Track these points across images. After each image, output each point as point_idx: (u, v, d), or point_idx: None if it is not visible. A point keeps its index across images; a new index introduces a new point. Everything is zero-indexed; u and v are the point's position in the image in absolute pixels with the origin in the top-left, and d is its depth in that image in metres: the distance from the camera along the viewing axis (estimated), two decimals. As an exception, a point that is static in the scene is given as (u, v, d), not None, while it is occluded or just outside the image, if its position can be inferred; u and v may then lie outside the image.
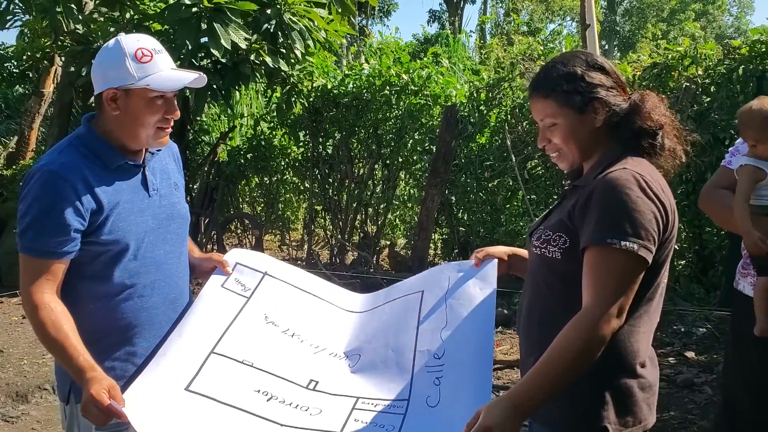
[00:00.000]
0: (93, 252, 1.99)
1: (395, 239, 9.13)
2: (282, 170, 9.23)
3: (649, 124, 1.81)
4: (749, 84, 5.72)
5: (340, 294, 2.38)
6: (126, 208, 2.02)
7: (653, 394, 1.83)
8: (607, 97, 1.81)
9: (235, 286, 2.24)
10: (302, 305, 2.27)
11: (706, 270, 6.17)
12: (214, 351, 2.04)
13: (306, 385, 2.03)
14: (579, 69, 1.82)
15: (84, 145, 2.03)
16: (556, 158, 1.89)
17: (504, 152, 7.18)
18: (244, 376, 2.01)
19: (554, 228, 1.80)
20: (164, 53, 2.05)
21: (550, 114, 1.83)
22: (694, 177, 5.96)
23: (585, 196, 1.72)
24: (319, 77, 8.19)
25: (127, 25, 6.45)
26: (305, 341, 2.16)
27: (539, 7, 31.75)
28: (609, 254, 1.64)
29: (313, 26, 6.49)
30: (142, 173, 2.10)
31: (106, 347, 2.04)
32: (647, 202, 1.67)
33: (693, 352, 5.05)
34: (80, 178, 1.95)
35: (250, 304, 2.20)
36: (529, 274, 1.91)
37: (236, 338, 2.10)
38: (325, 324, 2.24)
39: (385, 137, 8.14)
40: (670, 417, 4.07)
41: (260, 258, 2.38)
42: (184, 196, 2.29)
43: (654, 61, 6.47)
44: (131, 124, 2.02)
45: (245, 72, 6.40)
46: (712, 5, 37.71)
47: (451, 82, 8.05)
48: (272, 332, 2.15)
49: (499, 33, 21.99)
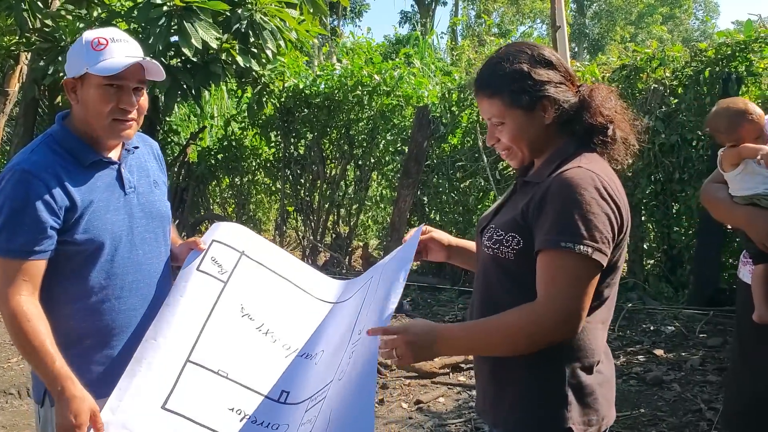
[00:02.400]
0: (68, 252, 1.95)
1: (368, 240, 9.13)
2: (253, 171, 9.18)
3: (599, 120, 1.76)
4: (715, 86, 5.82)
5: (317, 280, 2.32)
6: (101, 207, 1.98)
7: (611, 389, 1.82)
8: (555, 95, 1.74)
9: (211, 267, 2.17)
10: (278, 294, 2.24)
11: (675, 269, 6.26)
12: (189, 359, 2.03)
13: (277, 398, 2.03)
14: (525, 66, 1.74)
15: (57, 143, 1.99)
16: (505, 156, 1.83)
17: (476, 153, 7.22)
18: (219, 390, 2.01)
19: (506, 228, 1.74)
20: (123, 42, 1.99)
21: (497, 114, 1.76)
22: (662, 177, 6.05)
23: (540, 195, 1.67)
24: (291, 77, 8.16)
25: (95, 23, 6.36)
26: (278, 341, 2.14)
27: (510, 9, 31.99)
28: (563, 258, 1.60)
29: (284, 26, 6.46)
30: (118, 171, 2.06)
31: (84, 350, 2.01)
32: (602, 204, 1.62)
33: (662, 350, 5.11)
34: (53, 175, 1.91)
35: (226, 291, 2.15)
36: (481, 270, 1.85)
37: (212, 340, 2.07)
38: (299, 318, 2.21)
39: (357, 138, 8.13)
40: (640, 414, 4.11)
41: (238, 233, 2.29)
42: (165, 195, 2.24)
43: (623, 62, 6.55)
44: (85, 113, 1.99)
45: (216, 71, 6.35)
46: (679, 9, 38.32)
47: (423, 83, 8.07)
48: (247, 330, 2.13)
49: (471, 35, 22.10)
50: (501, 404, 1.79)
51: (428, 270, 7.83)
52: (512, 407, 1.76)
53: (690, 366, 4.75)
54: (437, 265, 7.83)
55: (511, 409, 1.76)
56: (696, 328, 5.46)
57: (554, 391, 1.71)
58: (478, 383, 1.91)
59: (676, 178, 5.99)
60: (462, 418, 4.22)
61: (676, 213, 6.25)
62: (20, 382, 4.85)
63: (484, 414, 1.90)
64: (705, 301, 5.81)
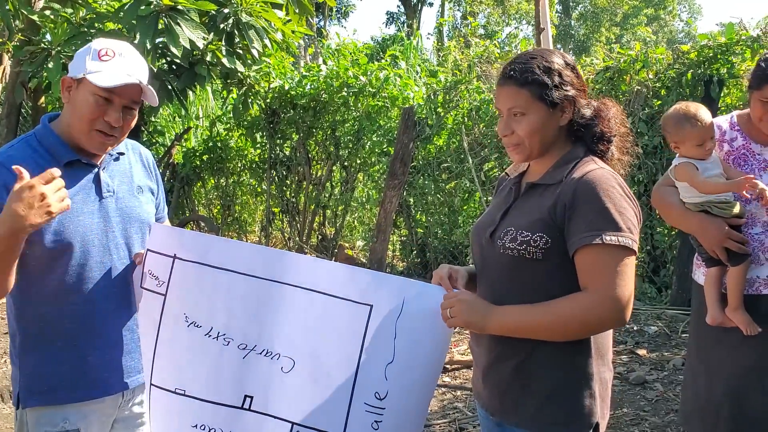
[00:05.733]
0: (36, 251, 1.94)
1: (353, 241, 9.13)
2: (238, 172, 9.17)
3: (607, 130, 1.87)
4: (698, 88, 5.88)
5: (262, 259, 2.03)
6: (73, 208, 1.95)
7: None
8: (576, 97, 1.84)
9: (150, 282, 2.06)
10: (220, 290, 2.02)
11: (658, 269, 6.32)
12: (152, 383, 2.06)
13: (241, 404, 1.99)
14: (557, 65, 1.82)
15: (36, 140, 2.01)
16: (512, 150, 1.87)
17: (461, 154, 7.24)
18: (180, 409, 2.02)
19: (532, 228, 1.78)
20: (128, 60, 2.00)
21: (522, 105, 1.81)
22: (645, 178, 6.10)
23: (569, 196, 1.74)
24: (276, 78, 8.15)
25: (81, 25, 6.32)
26: (232, 342, 2.01)
27: (496, 10, 32.10)
28: (609, 250, 1.69)
29: (269, 27, 6.45)
30: (96, 174, 2.05)
31: (54, 351, 2.00)
32: (627, 200, 1.75)
33: (645, 350, 5.16)
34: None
35: (167, 305, 2.05)
36: (494, 272, 1.87)
37: (165, 359, 2.06)
38: (248, 308, 2.00)
39: (343, 139, 8.13)
40: (623, 414, 4.15)
41: (167, 235, 2.10)
42: (151, 201, 2.22)
43: (607, 64, 6.60)
44: (71, 115, 1.99)
45: (201, 73, 6.33)
46: (663, 10, 38.60)
47: (409, 84, 8.09)
48: (196, 338, 2.03)
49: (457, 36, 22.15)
50: (527, 402, 1.82)
51: (414, 271, 7.85)
52: (541, 404, 1.80)
53: (673, 366, 4.80)
54: (423, 266, 7.85)
55: (540, 405, 1.80)
56: (679, 329, 5.51)
57: (583, 385, 1.79)
58: (493, 387, 1.90)
59: (658, 179, 6.02)
60: (447, 418, 4.24)
61: (659, 214, 6.30)
62: (2, 386, 4.82)
63: (503, 414, 1.88)
64: (688, 301, 5.86)
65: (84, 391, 2.02)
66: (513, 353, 1.82)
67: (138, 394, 2.18)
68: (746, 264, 2.53)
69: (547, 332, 1.75)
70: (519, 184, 1.96)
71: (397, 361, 1.88)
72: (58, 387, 1.97)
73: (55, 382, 1.94)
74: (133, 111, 2.03)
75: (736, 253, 2.50)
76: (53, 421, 2.00)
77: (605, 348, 1.86)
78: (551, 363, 1.79)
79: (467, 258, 7.02)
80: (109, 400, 2.09)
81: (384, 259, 7.56)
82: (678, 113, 2.58)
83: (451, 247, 7.49)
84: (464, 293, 1.84)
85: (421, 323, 1.88)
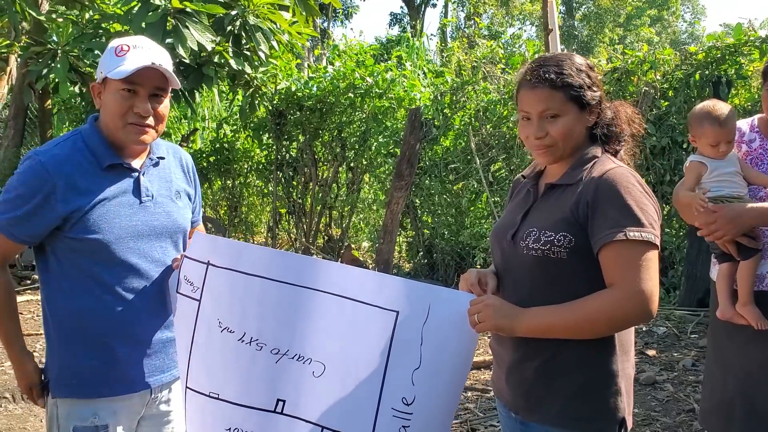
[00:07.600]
0: (72, 249, 2.00)
1: (360, 242, 9.14)
2: (245, 173, 9.18)
3: (622, 131, 1.92)
4: (705, 89, 5.88)
5: (293, 265, 2.05)
6: (111, 210, 2.01)
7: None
8: (602, 100, 1.88)
9: (186, 287, 2.10)
10: (252, 296, 2.05)
11: (666, 270, 6.31)
12: (188, 386, 2.10)
13: (273, 408, 2.01)
14: (585, 67, 1.87)
15: (82, 140, 2.04)
16: (543, 152, 1.87)
17: (468, 155, 7.24)
18: (215, 412, 2.05)
19: (556, 228, 1.80)
20: (143, 49, 2.02)
21: (557, 107, 1.82)
22: (653, 179, 6.10)
23: (591, 195, 1.77)
24: (283, 80, 8.16)
25: (87, 26, 6.34)
26: (264, 347, 2.04)
27: (499, 11, 32.09)
28: (634, 246, 1.71)
29: (276, 28, 6.47)
30: (137, 178, 2.08)
31: (85, 346, 2.04)
32: (647, 197, 1.78)
33: (654, 350, 5.16)
34: (64, 173, 1.96)
35: (202, 310, 2.09)
36: (518, 275, 1.89)
37: (200, 363, 2.09)
38: (280, 314, 2.04)
39: (349, 140, 8.14)
40: (634, 414, 4.13)
41: (203, 242, 2.14)
42: (188, 206, 2.25)
43: (614, 65, 6.60)
44: (105, 115, 2.03)
45: (209, 74, 6.36)
46: (667, 11, 38.56)
47: (416, 85, 8.09)
48: (229, 343, 2.05)
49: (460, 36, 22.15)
50: (553, 399, 1.82)
51: (421, 272, 7.85)
52: (567, 401, 1.80)
53: (682, 366, 4.80)
54: (430, 267, 7.86)
55: (566, 402, 1.80)
56: (688, 329, 5.51)
57: (610, 382, 1.81)
58: (517, 386, 1.91)
59: (666, 180, 6.03)
60: (458, 419, 4.24)
61: (667, 215, 6.30)
62: (15, 386, 4.83)
63: (527, 412, 1.89)
64: (696, 302, 5.86)
65: (113, 387, 2.05)
66: (537, 353, 1.83)
67: (165, 393, 2.20)
68: (757, 258, 2.54)
69: (576, 331, 1.76)
70: (537, 185, 1.97)
71: (423, 367, 1.90)
72: (88, 381, 2.01)
73: (86, 375, 1.99)
74: (162, 98, 2.05)
75: (747, 247, 2.52)
76: (83, 416, 2.03)
77: (629, 344, 1.87)
78: (577, 361, 1.80)
79: (474, 259, 7.01)
80: (137, 397, 2.11)
81: (390, 260, 7.57)
82: (702, 110, 2.60)
83: (458, 248, 7.49)
84: (491, 297, 1.84)
85: (447, 329, 1.89)
